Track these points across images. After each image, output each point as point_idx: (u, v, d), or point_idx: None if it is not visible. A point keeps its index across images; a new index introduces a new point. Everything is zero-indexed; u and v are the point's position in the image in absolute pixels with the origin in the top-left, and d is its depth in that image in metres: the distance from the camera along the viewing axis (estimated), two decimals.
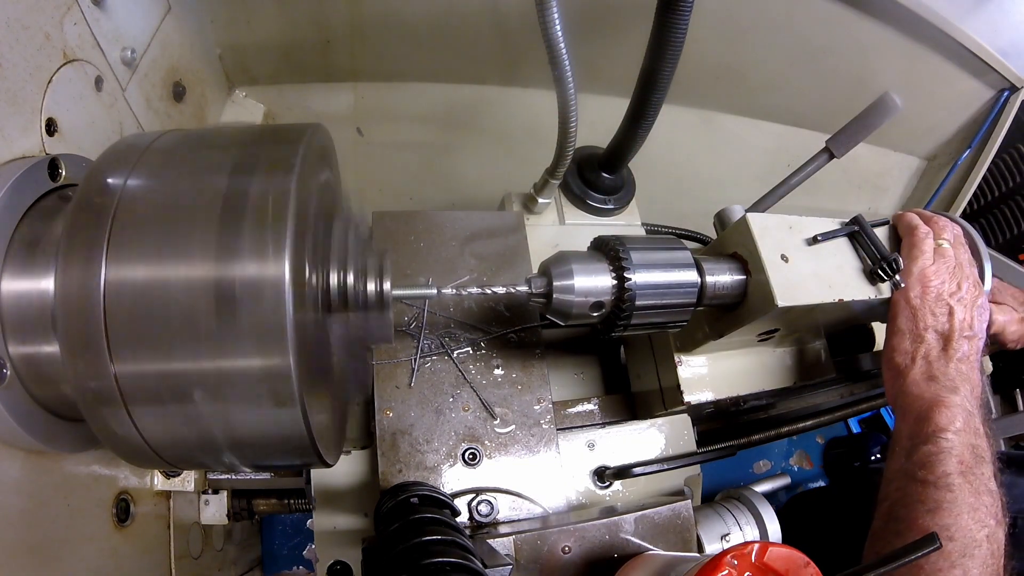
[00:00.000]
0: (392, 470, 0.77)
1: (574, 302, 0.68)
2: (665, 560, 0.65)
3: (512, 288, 0.70)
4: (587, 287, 0.68)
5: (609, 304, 0.70)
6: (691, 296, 0.72)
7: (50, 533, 0.64)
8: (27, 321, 0.56)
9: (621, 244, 0.70)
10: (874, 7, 1.17)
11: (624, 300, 0.68)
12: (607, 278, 0.69)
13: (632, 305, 0.68)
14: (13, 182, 0.57)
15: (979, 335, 0.79)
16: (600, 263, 0.70)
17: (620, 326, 0.70)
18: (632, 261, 0.68)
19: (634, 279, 0.68)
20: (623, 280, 0.68)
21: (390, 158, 1.46)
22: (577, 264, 0.68)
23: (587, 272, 0.68)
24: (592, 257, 0.71)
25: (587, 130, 0.89)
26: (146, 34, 0.91)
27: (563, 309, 0.69)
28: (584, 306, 0.69)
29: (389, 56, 1.25)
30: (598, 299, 0.69)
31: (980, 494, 0.68)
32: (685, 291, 0.71)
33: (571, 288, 0.67)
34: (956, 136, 1.53)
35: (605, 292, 0.69)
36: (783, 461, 1.91)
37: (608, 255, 0.70)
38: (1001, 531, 0.68)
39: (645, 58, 0.82)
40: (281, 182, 0.51)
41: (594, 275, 0.69)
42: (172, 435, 0.53)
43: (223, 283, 0.48)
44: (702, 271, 0.72)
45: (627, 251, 0.69)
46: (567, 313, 0.69)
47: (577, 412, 0.91)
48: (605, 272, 0.69)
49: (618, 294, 0.69)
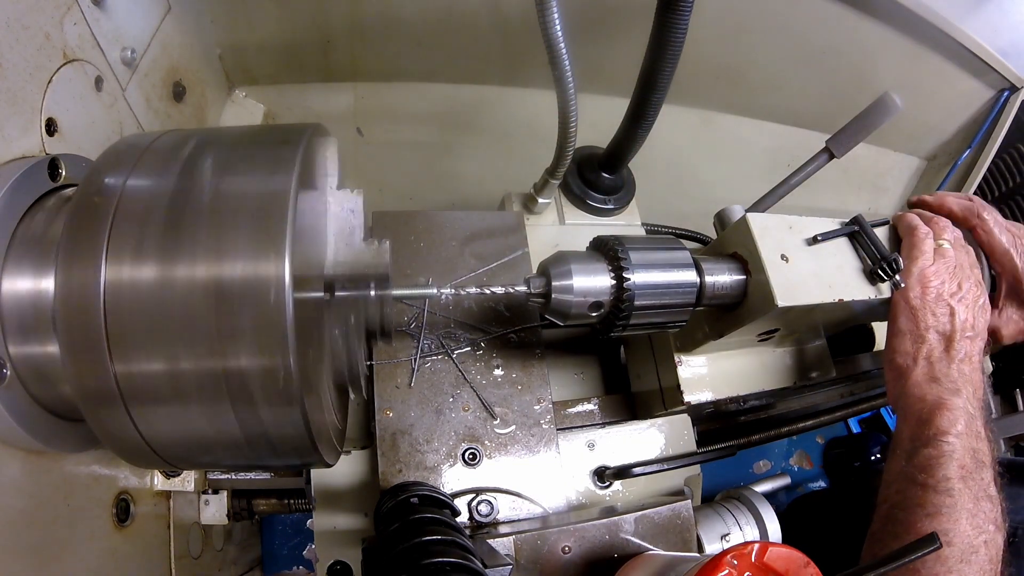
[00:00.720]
0: (392, 470, 0.77)
1: (573, 302, 0.68)
2: (665, 560, 0.65)
3: (511, 288, 0.70)
4: (586, 287, 0.68)
5: (608, 304, 0.70)
6: (690, 296, 0.72)
7: (50, 533, 0.64)
8: (27, 321, 0.56)
9: (620, 244, 0.70)
10: (874, 7, 1.17)
11: (623, 300, 0.68)
12: (606, 278, 0.69)
13: (631, 305, 0.68)
14: (13, 182, 0.57)
15: (981, 335, 0.78)
16: (599, 263, 0.70)
17: (619, 326, 0.70)
18: (631, 261, 0.68)
19: (633, 279, 0.68)
20: (622, 280, 0.68)
21: (390, 158, 1.46)
22: (576, 264, 0.68)
23: (586, 272, 0.68)
24: (591, 257, 0.71)
25: (587, 130, 0.89)
26: (146, 34, 0.91)
27: (562, 309, 0.69)
28: (583, 306, 0.69)
29: (389, 56, 1.25)
30: (597, 299, 0.69)
31: (980, 499, 0.67)
32: (684, 291, 0.71)
33: (570, 288, 0.67)
34: (956, 136, 1.53)
35: (604, 292, 0.69)
36: (783, 461, 1.91)
37: (607, 255, 0.70)
38: (1000, 537, 0.67)
39: (645, 58, 0.82)
40: (281, 182, 0.51)
41: (593, 275, 0.69)
42: (172, 435, 0.53)
43: (223, 283, 0.48)
44: (701, 271, 0.72)
45: (626, 251, 0.69)
46: (566, 313, 0.69)
47: (577, 412, 0.91)
48: (604, 272, 0.69)
49: (617, 294, 0.69)
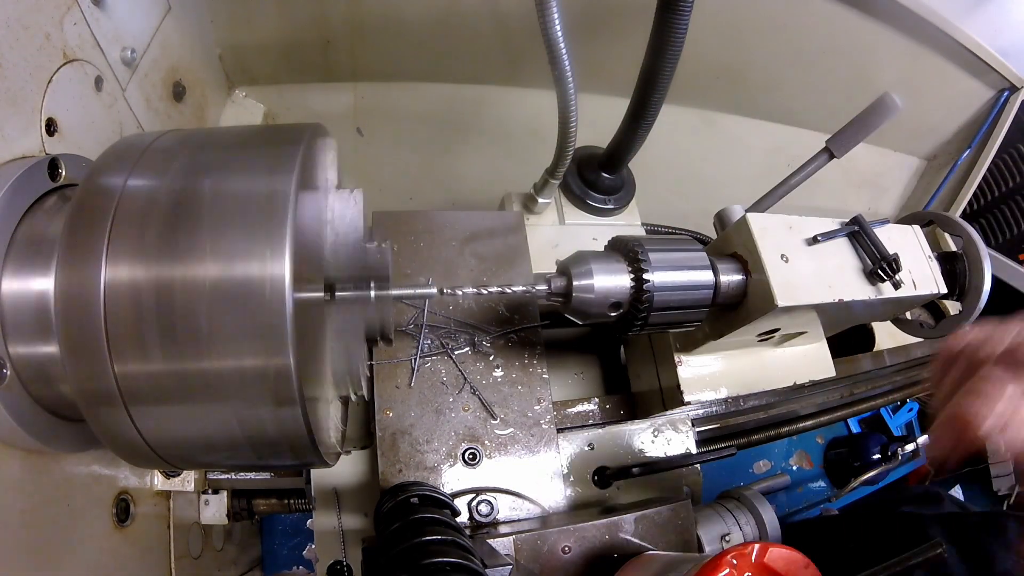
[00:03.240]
0: (392, 470, 0.77)
1: (593, 302, 0.68)
2: (665, 560, 0.65)
3: (531, 288, 0.70)
4: (607, 287, 0.68)
5: (627, 304, 0.70)
6: (707, 296, 0.72)
7: (50, 533, 0.64)
8: (27, 321, 0.56)
9: (639, 244, 0.70)
10: (874, 7, 1.17)
11: (642, 300, 0.68)
12: (626, 278, 0.69)
13: (650, 305, 0.69)
14: (13, 182, 0.57)
15: None
16: (619, 263, 0.70)
17: (637, 325, 0.70)
18: (650, 262, 0.69)
19: (652, 279, 0.68)
20: (642, 280, 0.68)
21: (390, 158, 1.46)
22: (596, 264, 0.69)
23: (606, 272, 0.69)
24: (611, 257, 0.71)
25: (587, 130, 0.89)
26: (146, 34, 0.91)
27: (582, 309, 0.69)
28: (603, 306, 0.69)
29: (389, 56, 1.25)
30: (617, 299, 0.69)
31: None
32: (702, 291, 0.72)
33: (591, 288, 0.68)
34: (956, 136, 1.53)
35: (624, 292, 0.69)
36: (783, 461, 1.91)
37: (626, 255, 0.71)
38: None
39: (645, 58, 0.82)
40: (281, 182, 0.51)
41: (613, 275, 0.69)
42: (172, 435, 0.53)
43: (223, 283, 0.48)
44: (716, 271, 0.73)
45: (645, 251, 0.69)
46: (586, 312, 0.69)
47: (577, 412, 0.91)
48: (624, 272, 0.69)
49: (636, 294, 0.69)
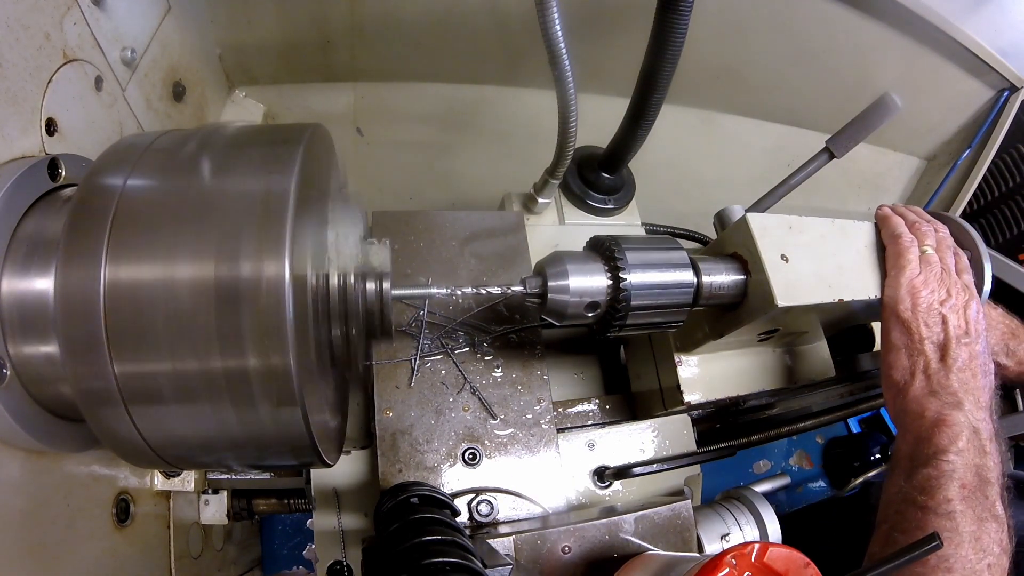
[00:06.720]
0: (392, 470, 0.77)
1: (569, 302, 0.68)
2: (665, 560, 0.65)
3: (508, 289, 0.70)
4: (582, 287, 0.68)
5: (604, 304, 0.70)
6: (687, 296, 0.72)
7: (50, 533, 0.64)
8: (27, 321, 0.56)
9: (616, 244, 0.70)
10: (874, 7, 1.16)
11: (619, 300, 0.68)
12: (602, 278, 0.69)
13: (627, 305, 0.68)
14: (13, 182, 0.57)
15: (977, 339, 0.76)
16: (595, 263, 0.70)
17: (615, 326, 0.70)
18: (627, 261, 0.68)
19: (629, 279, 0.68)
20: (618, 280, 0.68)
21: (390, 158, 1.46)
22: (572, 264, 0.68)
23: (582, 272, 0.68)
24: (588, 257, 0.71)
25: (587, 130, 0.89)
26: (146, 34, 0.91)
27: (558, 309, 0.69)
28: (579, 306, 0.68)
29: (389, 56, 1.25)
30: (593, 299, 0.69)
31: (983, 520, 0.65)
32: (681, 291, 0.71)
33: (566, 288, 0.67)
34: (956, 136, 1.53)
35: (600, 292, 0.69)
36: (783, 461, 1.91)
37: (603, 255, 0.70)
38: (1006, 558, 0.65)
39: (645, 58, 0.82)
40: (281, 182, 0.51)
41: (589, 275, 0.69)
42: (172, 435, 0.53)
43: (223, 283, 0.48)
44: (698, 271, 0.72)
45: (622, 251, 0.69)
46: (562, 313, 0.69)
47: (577, 412, 0.91)
48: (600, 272, 0.69)
49: (613, 294, 0.69)
